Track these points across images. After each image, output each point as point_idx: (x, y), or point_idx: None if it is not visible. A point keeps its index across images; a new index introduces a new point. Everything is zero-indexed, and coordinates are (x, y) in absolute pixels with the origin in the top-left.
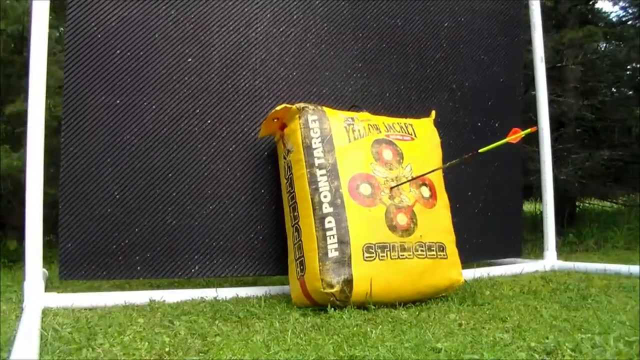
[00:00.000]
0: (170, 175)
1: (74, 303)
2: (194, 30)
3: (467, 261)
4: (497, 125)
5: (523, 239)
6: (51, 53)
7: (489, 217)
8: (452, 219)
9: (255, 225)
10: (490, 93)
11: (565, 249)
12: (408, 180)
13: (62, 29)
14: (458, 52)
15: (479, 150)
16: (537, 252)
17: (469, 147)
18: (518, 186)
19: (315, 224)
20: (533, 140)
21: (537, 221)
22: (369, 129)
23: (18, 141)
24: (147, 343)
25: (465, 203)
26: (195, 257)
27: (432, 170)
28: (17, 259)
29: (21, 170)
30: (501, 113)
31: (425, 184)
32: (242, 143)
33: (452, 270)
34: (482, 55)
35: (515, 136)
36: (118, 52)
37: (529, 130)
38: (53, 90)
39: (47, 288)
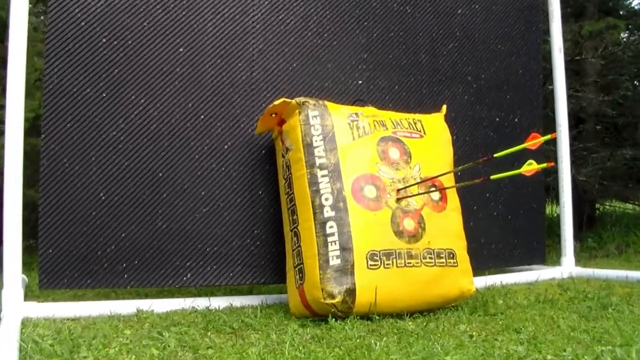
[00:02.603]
0: (160, 174)
1: (56, 313)
2: (186, 17)
3: (486, 269)
4: (516, 120)
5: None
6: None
7: (509, 220)
8: (468, 222)
9: (252, 229)
10: (508, 85)
11: (584, 255)
12: (416, 183)
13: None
14: (473, 42)
15: (495, 155)
16: (554, 258)
17: (486, 144)
18: (541, 185)
19: (316, 229)
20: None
21: (553, 225)
22: (375, 125)
23: None
24: (134, 356)
25: (483, 205)
26: (187, 264)
27: (444, 174)
28: None
29: None
30: (520, 107)
31: (434, 186)
32: (238, 140)
33: (462, 279)
34: (499, 44)
35: (534, 142)
36: (104, 40)
37: (548, 136)
38: (32, 84)
39: (27, 297)
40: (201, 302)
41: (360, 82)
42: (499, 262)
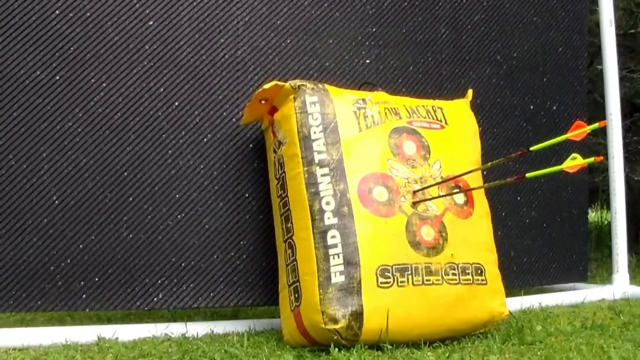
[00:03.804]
0: (125, 174)
1: (0, 341)
2: None
3: (515, 287)
4: (555, 107)
5: (589, 258)
6: None
7: (545, 229)
8: (495, 231)
9: (237, 240)
10: (545, 66)
11: None
12: (437, 183)
13: None
14: (503, 13)
15: (531, 149)
16: (604, 274)
17: (519, 136)
18: (584, 186)
19: (315, 240)
20: (599, 129)
21: (603, 235)
22: (386, 113)
23: None
24: None
25: (514, 211)
26: (158, 281)
27: (470, 172)
28: None
29: None
30: (561, 91)
31: (458, 187)
32: (220, 132)
33: (493, 300)
34: (535, 16)
35: (579, 132)
36: (57, 12)
37: (596, 125)
38: None
39: None
40: (176, 329)
41: (368, 61)
42: (530, 279)
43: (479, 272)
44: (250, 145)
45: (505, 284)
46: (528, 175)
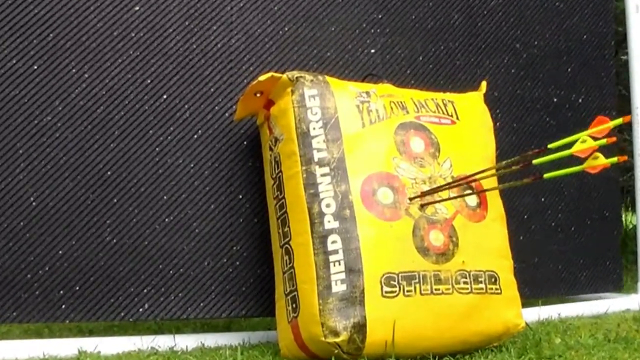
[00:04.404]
0: (109, 173)
1: None
2: None
3: (539, 297)
4: (580, 100)
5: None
6: None
7: (574, 233)
8: (517, 236)
9: (230, 245)
10: (569, 55)
11: None
12: (447, 184)
13: None
14: None
15: (549, 146)
16: (629, 283)
17: (540, 132)
18: (615, 186)
19: (314, 245)
20: (623, 125)
21: (628, 239)
22: (392, 108)
23: None
24: None
25: (538, 213)
26: (144, 290)
27: (483, 171)
28: None
29: None
30: (586, 83)
31: (470, 188)
32: (212, 127)
33: (508, 310)
34: (557, 1)
35: (600, 128)
36: None
37: (619, 120)
38: None
39: None
40: (163, 342)
41: (373, 50)
42: (558, 288)
43: (493, 280)
44: (245, 143)
45: (529, 294)
46: (546, 175)
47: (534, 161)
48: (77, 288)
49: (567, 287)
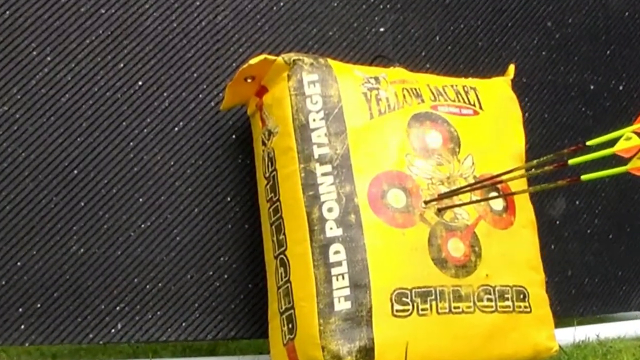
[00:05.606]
0: (75, 172)
1: None
2: None
3: (573, 316)
4: (621, 87)
5: None
6: None
7: (612, 241)
8: (547, 245)
9: (216, 255)
10: (608, 35)
11: None
12: (468, 185)
13: None
14: None
15: (588, 143)
16: None
17: (577, 124)
18: None
19: (314, 255)
20: None
21: None
22: (405, 96)
23: None
24: None
25: (571, 219)
26: (117, 308)
27: (510, 171)
28: None
29: None
30: (628, 68)
31: (496, 189)
32: (195, 118)
33: (538, 331)
34: None
35: None
36: None
37: None
38: None
39: None
40: None
41: (382, 29)
42: (594, 304)
43: (522, 296)
44: (233, 136)
45: (562, 312)
46: (584, 177)
47: (570, 161)
48: (39, 305)
49: (604, 303)
